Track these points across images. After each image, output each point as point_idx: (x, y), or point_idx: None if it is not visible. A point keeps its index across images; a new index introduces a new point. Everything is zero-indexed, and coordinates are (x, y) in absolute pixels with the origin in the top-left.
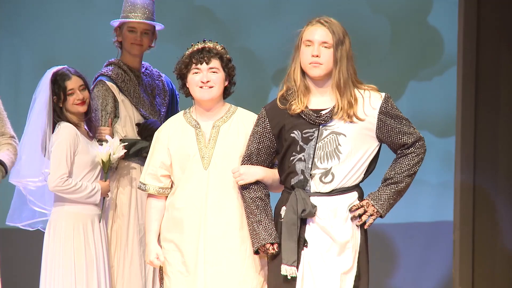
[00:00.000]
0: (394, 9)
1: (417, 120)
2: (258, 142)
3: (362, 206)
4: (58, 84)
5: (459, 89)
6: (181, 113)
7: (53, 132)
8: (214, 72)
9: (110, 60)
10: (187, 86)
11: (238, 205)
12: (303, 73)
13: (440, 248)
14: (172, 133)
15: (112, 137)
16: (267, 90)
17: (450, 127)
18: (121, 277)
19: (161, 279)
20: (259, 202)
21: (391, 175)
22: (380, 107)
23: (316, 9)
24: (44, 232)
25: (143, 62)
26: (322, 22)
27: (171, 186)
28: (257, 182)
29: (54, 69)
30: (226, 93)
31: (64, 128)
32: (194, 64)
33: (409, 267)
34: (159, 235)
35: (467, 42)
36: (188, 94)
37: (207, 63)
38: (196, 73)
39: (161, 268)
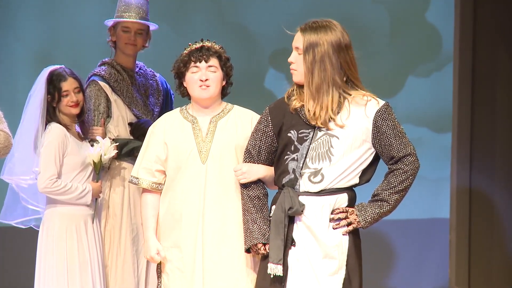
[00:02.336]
0: (393, 0)
1: (414, 115)
2: (259, 140)
3: (345, 212)
4: (53, 85)
5: (455, 87)
6: (177, 109)
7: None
8: (212, 71)
9: (103, 60)
10: (185, 85)
11: (236, 200)
12: None
13: (437, 247)
14: (168, 127)
15: (104, 137)
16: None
17: (447, 123)
18: (114, 277)
19: (159, 276)
20: (256, 201)
21: (379, 192)
22: (376, 114)
23: None
24: (37, 231)
25: (137, 62)
26: (301, 27)
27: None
28: (257, 181)
29: (51, 68)
30: (223, 93)
31: (54, 129)
32: (193, 62)
33: (406, 266)
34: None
35: (463, 41)
36: (184, 94)
37: (206, 61)
38: (194, 71)
39: (158, 265)
